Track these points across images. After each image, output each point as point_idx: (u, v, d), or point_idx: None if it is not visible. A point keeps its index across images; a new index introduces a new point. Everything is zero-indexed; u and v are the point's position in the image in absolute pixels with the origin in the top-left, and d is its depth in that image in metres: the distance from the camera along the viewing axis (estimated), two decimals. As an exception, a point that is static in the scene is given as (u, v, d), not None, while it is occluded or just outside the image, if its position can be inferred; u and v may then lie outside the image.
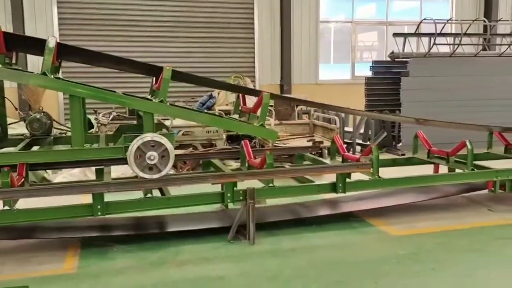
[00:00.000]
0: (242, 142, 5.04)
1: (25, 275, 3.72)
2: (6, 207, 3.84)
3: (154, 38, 12.30)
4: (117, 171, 5.74)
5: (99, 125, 7.79)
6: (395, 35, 9.75)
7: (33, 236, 4.33)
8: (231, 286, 3.55)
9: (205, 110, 8.78)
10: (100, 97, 4.03)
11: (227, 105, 9.95)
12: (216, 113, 6.84)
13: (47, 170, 6.32)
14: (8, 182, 3.71)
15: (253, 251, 4.19)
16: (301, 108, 9.69)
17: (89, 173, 6.40)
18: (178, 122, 7.32)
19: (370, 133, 9.26)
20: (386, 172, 5.04)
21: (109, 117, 8.28)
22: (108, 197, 4.08)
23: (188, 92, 11.46)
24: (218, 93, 10.35)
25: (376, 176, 4.79)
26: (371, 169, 4.73)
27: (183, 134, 7.67)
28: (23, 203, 4.10)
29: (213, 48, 12.83)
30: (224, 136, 7.89)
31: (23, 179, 4.06)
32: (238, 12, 13.04)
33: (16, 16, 10.91)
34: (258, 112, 4.53)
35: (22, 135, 4.75)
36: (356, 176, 4.86)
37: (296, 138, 8.50)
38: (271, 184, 4.52)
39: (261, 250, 4.21)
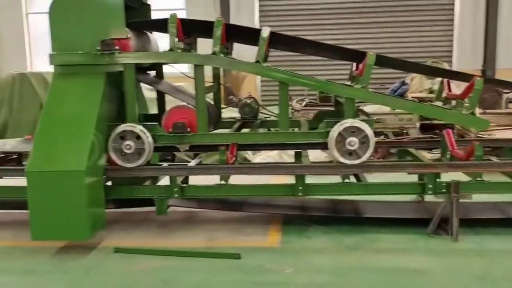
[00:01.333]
0: (444, 131, 4.71)
1: (235, 243, 4.12)
2: (222, 182, 4.28)
3: (347, 25, 12.37)
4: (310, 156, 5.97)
5: (293, 111, 8.18)
6: None
7: (241, 209, 4.77)
8: (434, 281, 3.39)
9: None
10: (308, 84, 4.18)
11: (421, 92, 9.42)
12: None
13: (248, 151, 6.90)
14: (225, 159, 4.15)
15: (456, 248, 3.93)
16: (508, 96, 8.65)
17: (285, 156, 6.80)
18: (369, 109, 7.22)
19: None
20: None
21: (302, 103, 8.64)
22: (307, 180, 4.24)
23: (377, 79, 11.19)
24: (411, 79, 9.87)
25: None
26: None
27: (374, 122, 7.54)
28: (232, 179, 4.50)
29: (408, 33, 12.32)
30: (418, 125, 7.52)
31: (234, 158, 4.50)
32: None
33: (224, 9, 12.12)
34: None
35: (234, 118, 5.27)
36: None
37: (502, 129, 7.62)
38: (479, 178, 4.16)
39: (465, 248, 3.93)
